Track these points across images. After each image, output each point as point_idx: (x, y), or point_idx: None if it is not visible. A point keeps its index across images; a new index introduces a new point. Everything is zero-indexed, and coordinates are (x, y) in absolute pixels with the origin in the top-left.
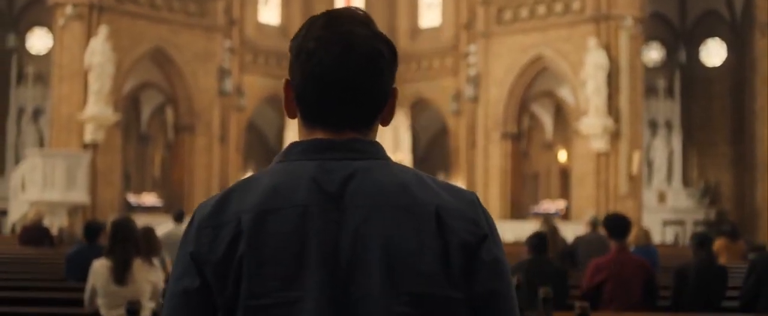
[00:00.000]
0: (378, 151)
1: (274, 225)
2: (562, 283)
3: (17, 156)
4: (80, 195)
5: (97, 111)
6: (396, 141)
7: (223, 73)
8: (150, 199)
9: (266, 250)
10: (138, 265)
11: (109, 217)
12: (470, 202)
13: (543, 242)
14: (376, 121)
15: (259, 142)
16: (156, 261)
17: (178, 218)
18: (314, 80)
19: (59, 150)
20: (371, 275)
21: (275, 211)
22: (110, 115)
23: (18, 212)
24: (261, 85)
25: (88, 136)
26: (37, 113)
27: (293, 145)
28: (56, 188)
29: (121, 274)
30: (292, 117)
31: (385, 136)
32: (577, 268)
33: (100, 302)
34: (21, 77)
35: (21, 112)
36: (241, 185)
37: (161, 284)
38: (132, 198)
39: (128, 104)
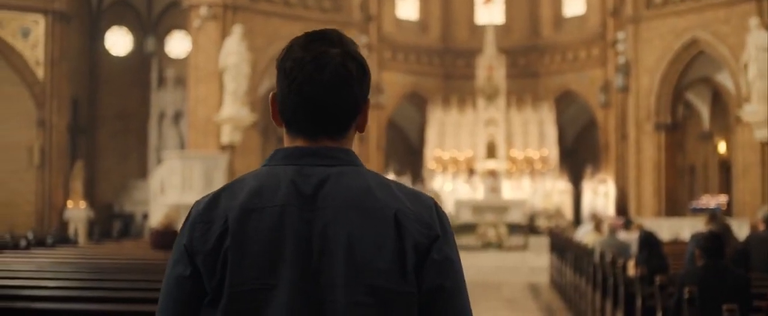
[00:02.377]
0: (351, 159)
1: (256, 222)
2: (744, 294)
3: (159, 159)
4: None
5: (234, 112)
6: (541, 136)
7: None
8: None
9: (248, 244)
10: None
11: None
12: (427, 207)
13: (719, 244)
14: (350, 129)
15: (400, 140)
16: None
17: None
18: (292, 96)
19: (197, 152)
20: (336, 267)
21: (258, 209)
22: (246, 115)
23: (157, 216)
24: (401, 81)
25: (225, 137)
26: (177, 116)
27: (277, 151)
28: (194, 190)
29: None
30: (279, 126)
31: (529, 130)
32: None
33: None
34: (161, 81)
35: (162, 115)
36: (230, 186)
37: None
38: None
39: (266, 105)
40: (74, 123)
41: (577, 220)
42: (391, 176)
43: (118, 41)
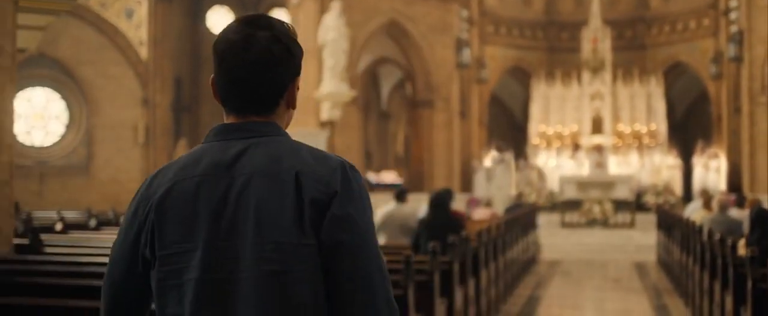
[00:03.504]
0: (271, 130)
1: (177, 193)
2: None
3: None
4: None
5: (333, 88)
6: (649, 110)
7: (460, 45)
8: (390, 177)
9: (169, 213)
10: None
11: None
12: (330, 167)
13: None
14: (277, 106)
15: (503, 116)
16: None
17: (400, 197)
18: (222, 75)
19: (297, 129)
20: (246, 227)
21: (179, 181)
22: (346, 92)
23: None
24: (503, 56)
25: (325, 114)
26: None
27: (212, 129)
28: None
29: None
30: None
31: (637, 104)
32: None
33: None
34: None
35: None
36: (167, 165)
37: None
38: (372, 176)
39: (367, 81)
40: (177, 102)
41: (687, 196)
42: (493, 153)
43: (220, 20)
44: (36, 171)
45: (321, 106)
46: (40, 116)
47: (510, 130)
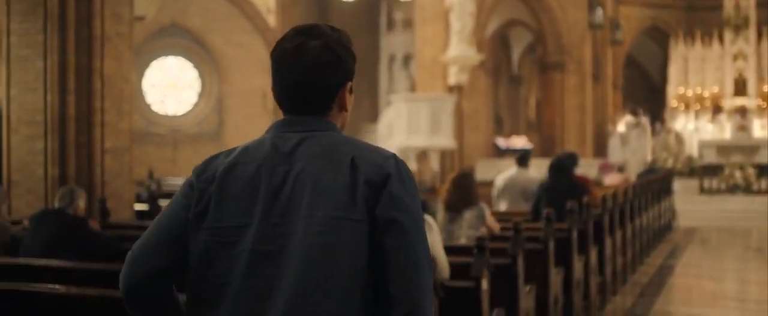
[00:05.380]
0: (326, 126)
1: (239, 172)
2: None
3: (389, 103)
4: (445, 140)
5: (460, 52)
6: None
7: (593, 5)
8: (520, 142)
9: (229, 189)
10: None
11: (476, 162)
12: (384, 156)
13: None
14: (329, 109)
15: (640, 78)
16: (435, 218)
17: (522, 161)
18: (277, 81)
19: (423, 94)
20: (301, 204)
21: (242, 163)
22: (473, 55)
23: None
24: (639, 15)
25: (452, 78)
26: (406, 59)
27: (273, 123)
28: (421, 133)
29: None
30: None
31: None
32: None
33: None
34: (390, 23)
35: (392, 58)
36: (231, 149)
37: (437, 244)
38: (501, 142)
39: (496, 44)
40: None
41: None
42: (627, 117)
43: None
44: (169, 139)
45: (448, 70)
46: (174, 85)
47: (646, 93)
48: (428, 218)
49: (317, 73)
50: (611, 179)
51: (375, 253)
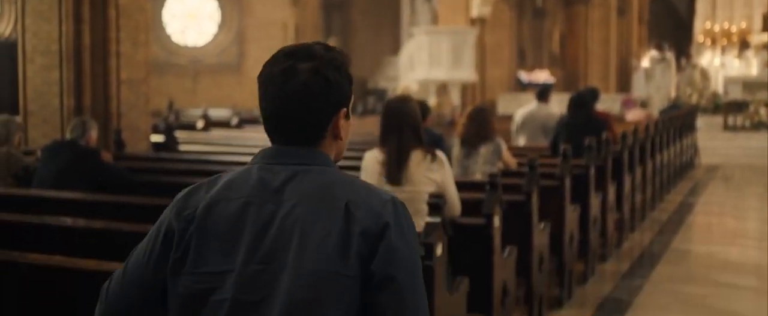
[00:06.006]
0: (319, 160)
1: (221, 210)
2: None
3: (411, 35)
4: (467, 73)
5: None
6: None
7: None
8: (543, 76)
9: (211, 230)
10: (417, 160)
11: (498, 96)
12: (382, 200)
13: None
14: (322, 138)
15: (666, 12)
16: (446, 154)
17: (542, 96)
18: (264, 106)
19: (445, 27)
20: (287, 252)
21: (225, 200)
22: None
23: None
24: None
25: (475, 11)
26: None
27: (259, 152)
28: (442, 66)
29: (394, 171)
30: None
31: None
32: None
33: None
34: None
35: None
36: (211, 179)
37: (448, 180)
38: (524, 76)
39: None
40: (328, 0)
41: None
42: (652, 52)
43: None
44: (190, 70)
45: (471, 2)
46: (194, 16)
47: (672, 28)
48: (440, 153)
49: (307, 101)
50: (634, 115)
51: (368, 311)
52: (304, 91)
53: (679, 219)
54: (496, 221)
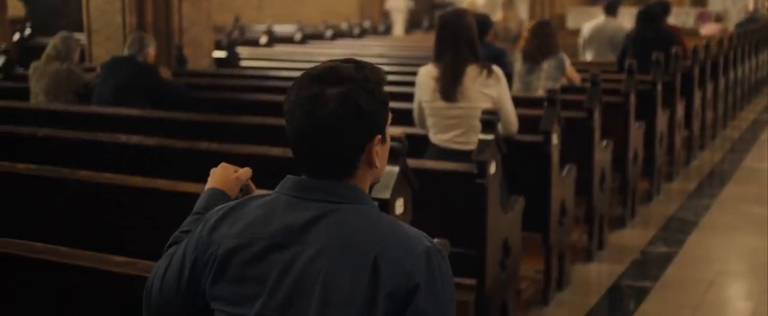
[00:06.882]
0: (350, 196)
1: (242, 253)
2: None
3: None
4: None
5: None
6: None
7: None
8: None
9: (230, 272)
10: (472, 75)
11: (567, 10)
12: (415, 255)
13: None
14: (354, 169)
15: None
16: (508, 70)
17: (610, 10)
18: (291, 135)
19: None
20: (308, 303)
21: (247, 243)
22: None
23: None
24: None
25: None
26: None
27: (286, 179)
28: None
29: (448, 87)
30: None
31: None
32: None
33: (428, 122)
34: None
35: None
36: (235, 210)
37: (505, 96)
38: None
39: None
40: None
41: None
42: None
43: None
44: None
45: None
46: None
47: None
48: (496, 68)
49: (337, 132)
50: (708, 29)
51: None
52: (334, 122)
53: (752, 137)
54: (554, 139)
